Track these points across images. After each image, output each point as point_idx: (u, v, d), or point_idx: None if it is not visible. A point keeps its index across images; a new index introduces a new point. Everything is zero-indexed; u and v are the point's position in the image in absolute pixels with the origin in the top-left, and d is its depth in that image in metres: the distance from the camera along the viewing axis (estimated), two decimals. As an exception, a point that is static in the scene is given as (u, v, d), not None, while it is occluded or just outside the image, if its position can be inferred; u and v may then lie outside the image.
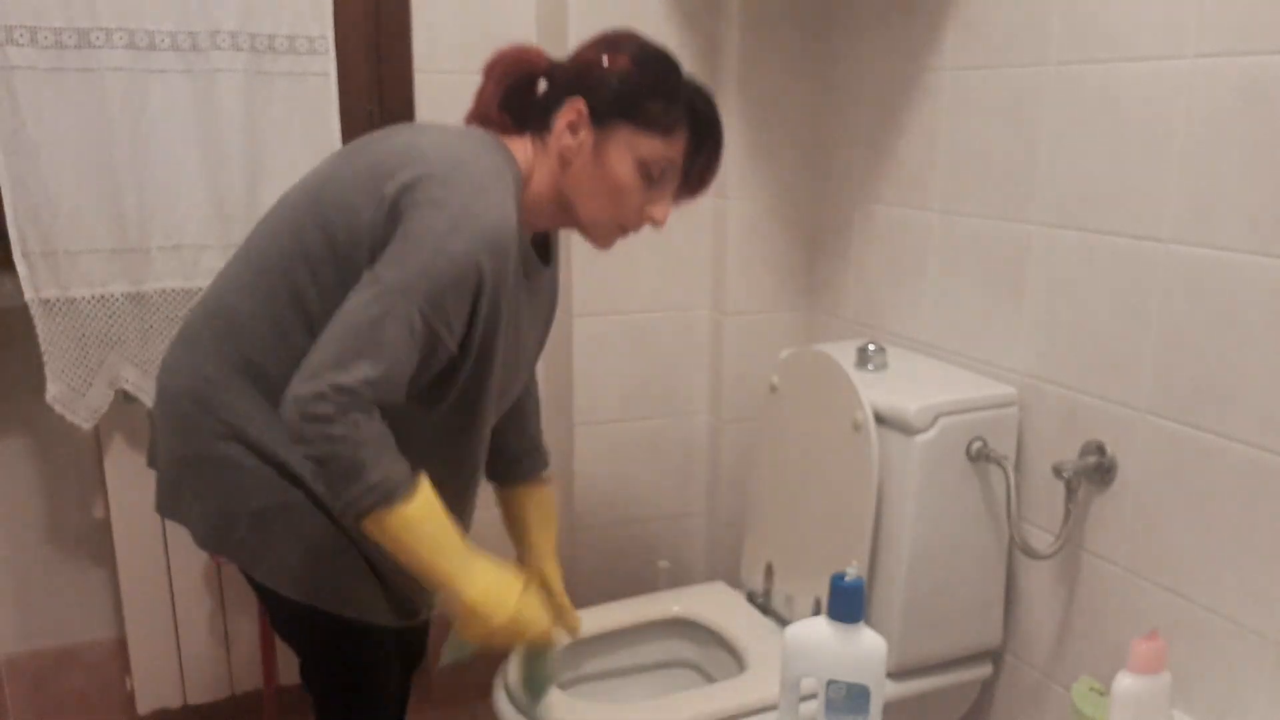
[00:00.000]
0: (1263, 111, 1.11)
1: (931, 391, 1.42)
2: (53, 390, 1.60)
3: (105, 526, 1.78)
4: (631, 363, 1.88)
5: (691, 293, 1.88)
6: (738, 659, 1.55)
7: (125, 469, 1.71)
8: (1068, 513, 1.35)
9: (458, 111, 2.07)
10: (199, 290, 1.65)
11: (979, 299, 1.52)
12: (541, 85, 1.21)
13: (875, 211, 1.73)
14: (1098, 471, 1.33)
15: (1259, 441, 1.14)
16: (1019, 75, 1.41)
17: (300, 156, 1.66)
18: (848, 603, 0.86)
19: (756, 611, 1.65)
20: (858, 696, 0.86)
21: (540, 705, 1.34)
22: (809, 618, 1.04)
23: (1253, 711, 1.17)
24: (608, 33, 1.19)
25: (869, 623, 0.99)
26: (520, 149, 1.18)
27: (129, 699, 1.83)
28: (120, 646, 1.87)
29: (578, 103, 1.13)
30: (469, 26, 1.81)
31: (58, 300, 1.57)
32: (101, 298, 1.60)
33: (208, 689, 1.85)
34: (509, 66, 1.20)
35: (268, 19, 1.59)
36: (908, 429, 1.38)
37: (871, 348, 1.54)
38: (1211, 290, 1.18)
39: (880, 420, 1.41)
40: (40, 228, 1.53)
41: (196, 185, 1.61)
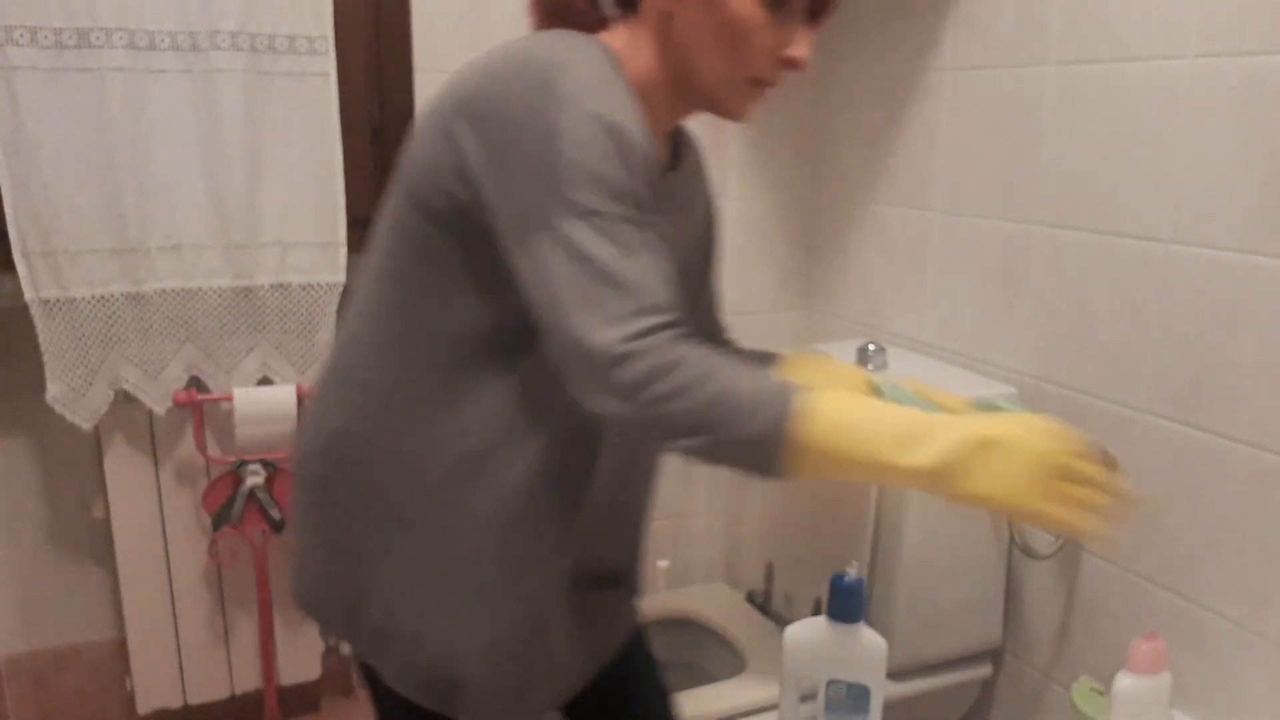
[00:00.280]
0: (1262, 112, 1.11)
1: (931, 391, 1.42)
2: (53, 390, 1.60)
3: (105, 526, 1.78)
4: (631, 363, 1.87)
5: (691, 293, 1.88)
6: (738, 659, 1.55)
7: (125, 469, 1.71)
8: (1068, 513, 1.35)
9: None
10: (199, 290, 1.65)
11: (979, 299, 1.52)
12: None
13: (875, 211, 1.73)
14: (1098, 471, 1.33)
15: (1259, 441, 1.14)
16: (1019, 75, 1.41)
17: (300, 156, 1.66)
18: (848, 603, 0.86)
19: (756, 611, 1.65)
20: (858, 696, 0.86)
21: None
22: (809, 618, 1.04)
23: (1253, 712, 1.17)
24: None
25: (869, 623, 0.99)
26: (610, 40, 0.96)
27: (129, 699, 1.83)
28: (120, 646, 1.87)
29: None
30: (469, 27, 1.81)
31: (58, 300, 1.57)
32: (101, 298, 1.59)
33: (208, 689, 1.85)
34: None
35: (268, 19, 1.59)
36: (908, 429, 1.38)
37: (871, 348, 1.54)
38: (1211, 290, 1.18)
39: (880, 420, 1.41)
40: (40, 228, 1.53)
41: (196, 185, 1.61)
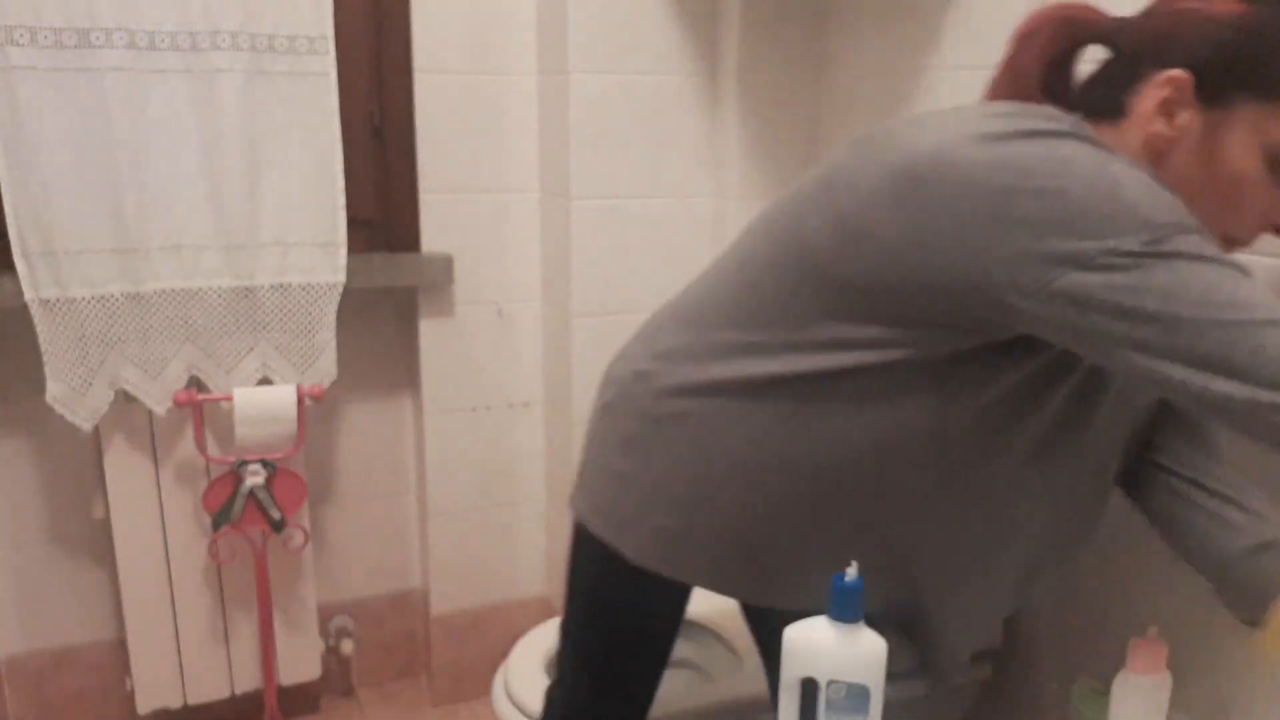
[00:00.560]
0: (1263, 111, 1.10)
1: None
2: (53, 390, 1.60)
3: (105, 526, 1.78)
4: (631, 363, 1.87)
5: (691, 293, 1.88)
6: (737, 659, 1.55)
7: (125, 469, 1.71)
8: (1068, 513, 1.34)
9: (458, 111, 2.06)
10: (199, 290, 1.65)
11: (979, 299, 1.52)
12: (1078, 57, 0.92)
13: (875, 211, 1.73)
14: (1098, 471, 1.33)
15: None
16: (1019, 75, 1.41)
17: (300, 156, 1.66)
18: (848, 603, 0.86)
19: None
20: (858, 696, 0.86)
21: None
22: (809, 618, 1.04)
23: (1252, 712, 1.17)
24: None
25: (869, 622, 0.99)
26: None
27: (129, 699, 1.83)
28: (120, 646, 1.87)
29: (1175, 75, 0.84)
30: (469, 27, 1.81)
31: (58, 300, 1.57)
32: (101, 298, 1.60)
33: (208, 689, 1.85)
34: (1057, 30, 0.91)
35: (268, 19, 1.59)
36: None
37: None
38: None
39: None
40: (40, 228, 1.53)
41: (196, 185, 1.61)
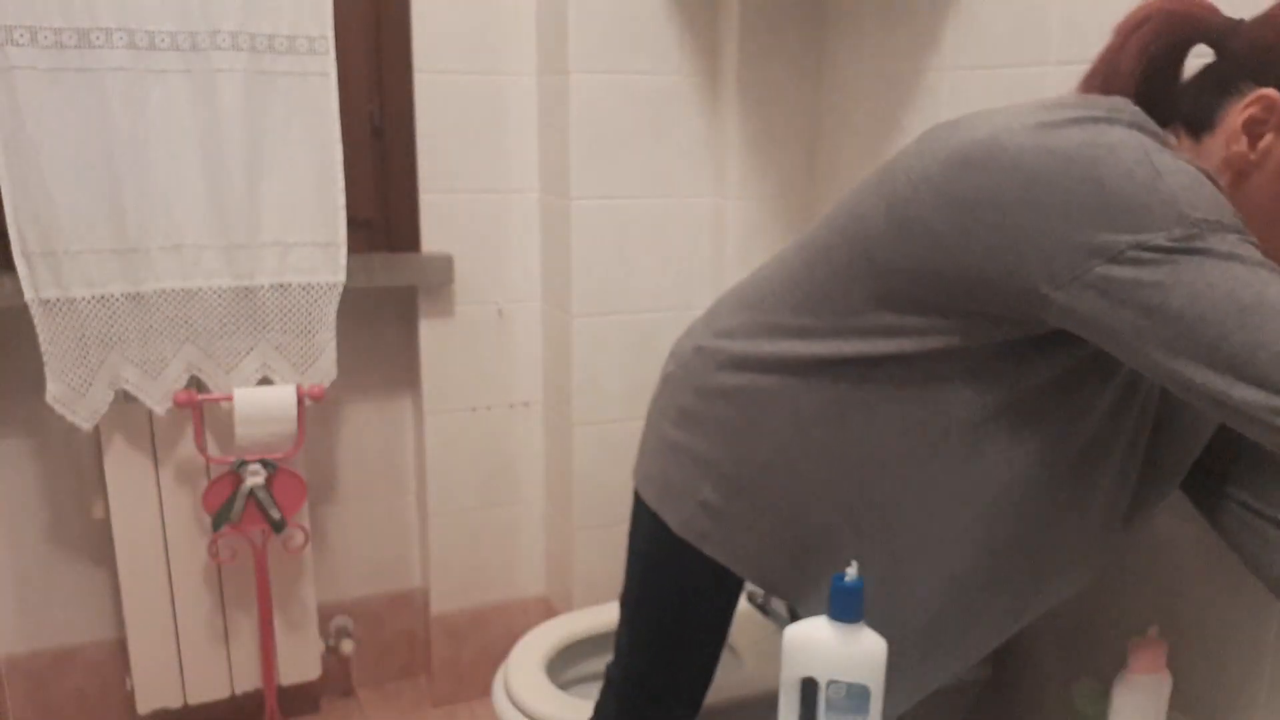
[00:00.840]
0: (1263, 111, 1.10)
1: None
2: (53, 390, 1.60)
3: (105, 526, 1.78)
4: (631, 363, 1.88)
5: (691, 293, 1.88)
6: (737, 659, 1.55)
7: (125, 469, 1.71)
8: (1068, 513, 1.34)
9: (458, 111, 2.06)
10: (199, 290, 1.65)
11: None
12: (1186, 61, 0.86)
13: (875, 211, 1.73)
14: (1098, 471, 1.33)
15: (1259, 441, 1.14)
16: (1019, 75, 1.41)
17: (300, 156, 1.66)
18: (848, 603, 0.86)
19: (756, 611, 1.65)
20: (858, 696, 0.86)
21: None
22: (809, 618, 1.04)
23: (1252, 712, 1.17)
24: None
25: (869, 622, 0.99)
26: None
27: (129, 699, 1.83)
28: (120, 646, 1.87)
29: (1267, 94, 0.79)
30: (469, 26, 1.81)
31: (58, 300, 1.57)
32: (101, 298, 1.60)
33: (208, 689, 1.85)
34: (1163, 25, 0.85)
35: (268, 19, 1.59)
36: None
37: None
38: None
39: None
40: (40, 228, 1.53)
41: (196, 185, 1.61)
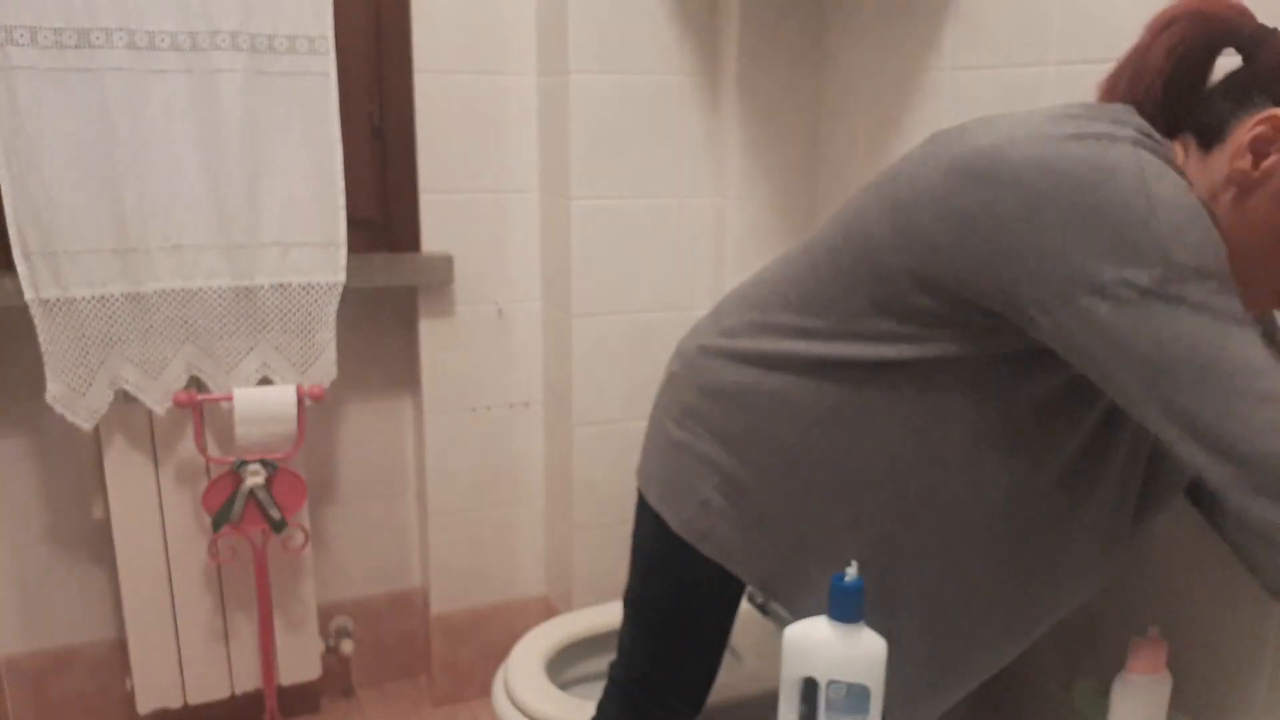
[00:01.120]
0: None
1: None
2: (53, 390, 1.60)
3: (105, 526, 1.78)
4: (631, 363, 1.88)
5: (691, 293, 1.88)
6: (737, 659, 1.55)
7: (125, 469, 1.71)
8: (1068, 513, 1.34)
9: (458, 111, 2.06)
10: (199, 290, 1.65)
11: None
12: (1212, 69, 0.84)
13: (875, 211, 1.73)
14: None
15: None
16: (1019, 75, 1.41)
17: (300, 156, 1.66)
18: (848, 603, 0.86)
19: (756, 611, 1.65)
20: (858, 696, 0.86)
21: None
22: (809, 618, 1.04)
23: (1252, 712, 1.17)
24: None
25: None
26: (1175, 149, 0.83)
27: (129, 699, 1.83)
28: (120, 646, 1.87)
29: (1277, 115, 0.77)
30: (469, 27, 1.81)
31: (58, 300, 1.57)
32: (101, 298, 1.60)
33: (208, 689, 1.85)
34: (1193, 25, 0.83)
35: (268, 19, 1.59)
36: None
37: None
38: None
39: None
40: (40, 228, 1.53)
41: (196, 185, 1.61)
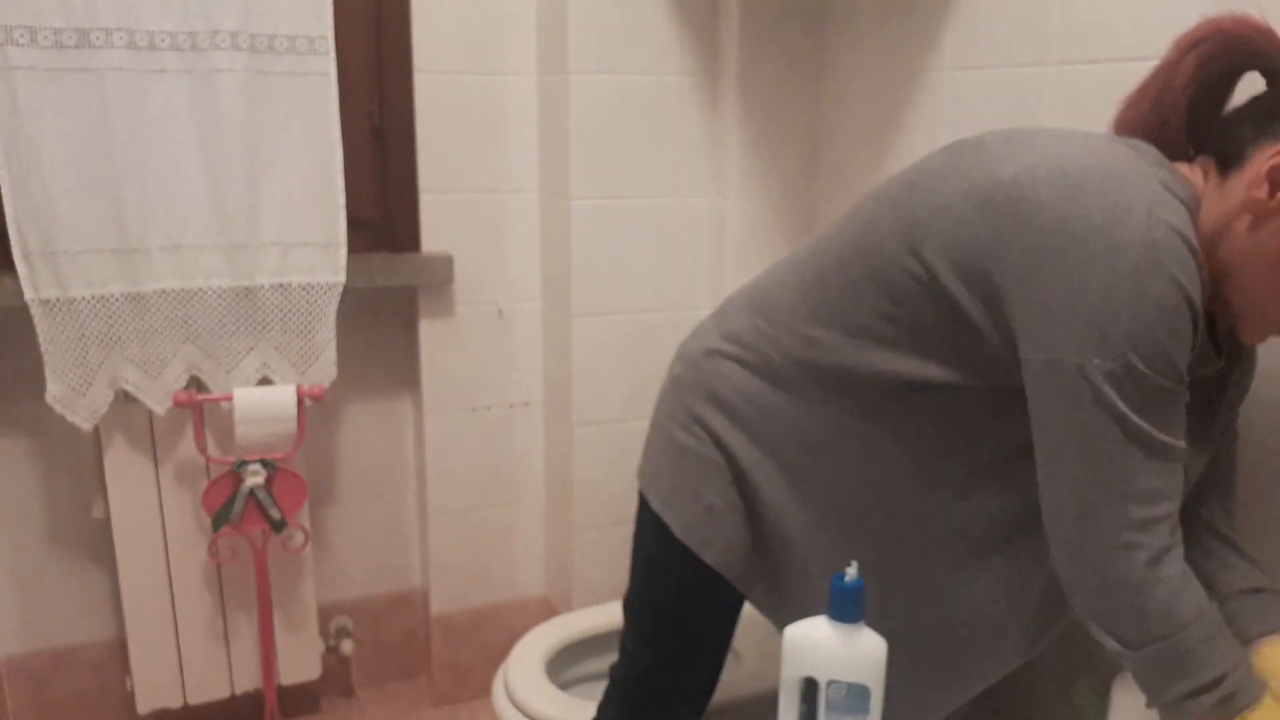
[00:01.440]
0: (1262, 111, 1.10)
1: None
2: (53, 390, 1.60)
3: (105, 526, 1.78)
4: (631, 363, 1.88)
5: (691, 293, 1.88)
6: (737, 659, 1.55)
7: (125, 469, 1.71)
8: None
9: (458, 111, 2.05)
10: (199, 290, 1.65)
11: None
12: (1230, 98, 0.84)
13: (875, 211, 1.73)
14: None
15: (1256, 438, 1.14)
16: (1019, 75, 1.41)
17: (300, 156, 1.66)
18: (848, 603, 0.86)
19: (757, 612, 1.65)
20: (858, 696, 0.86)
21: None
22: (809, 618, 1.04)
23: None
24: None
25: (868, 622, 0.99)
26: (1186, 174, 0.83)
27: (129, 699, 1.83)
28: (120, 646, 1.87)
29: None
30: (469, 27, 1.81)
31: (58, 300, 1.57)
32: (101, 298, 1.60)
33: (208, 689, 1.85)
34: (1220, 46, 0.81)
35: (268, 19, 1.59)
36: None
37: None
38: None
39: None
40: (40, 228, 1.53)
41: (196, 185, 1.61)
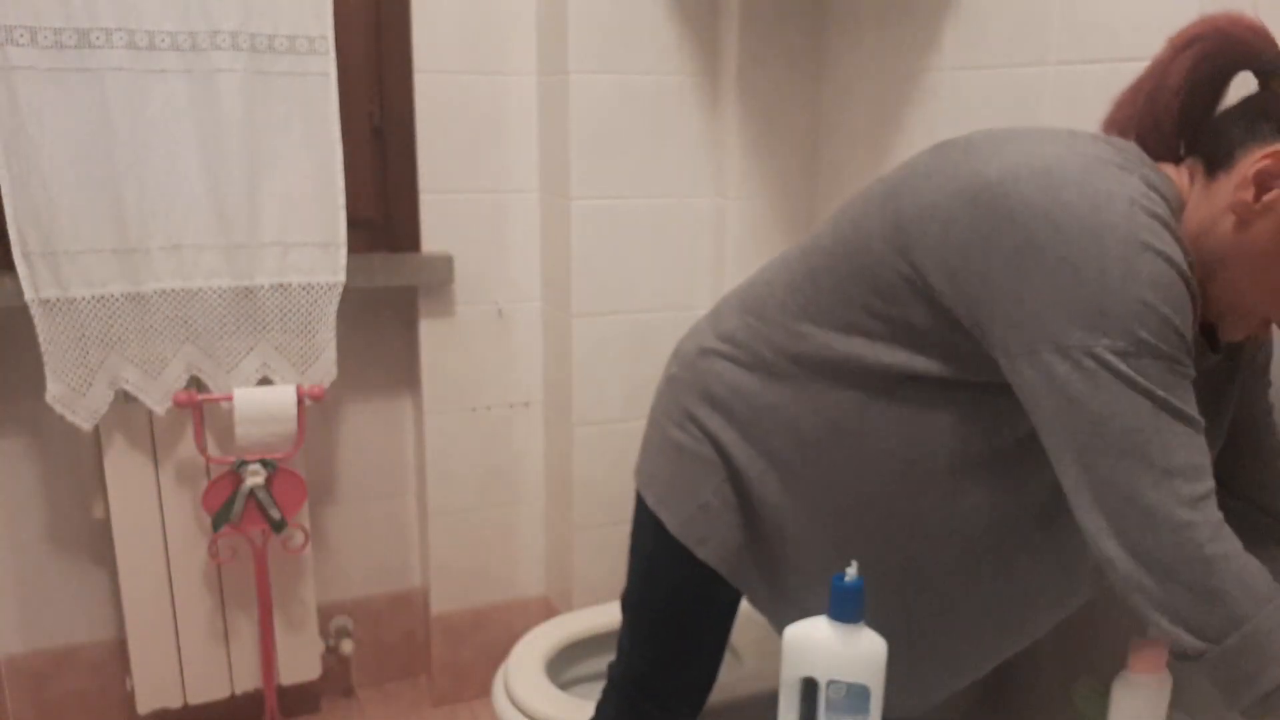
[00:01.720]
0: (1263, 111, 1.10)
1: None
2: (53, 390, 1.60)
3: (105, 526, 1.78)
4: (631, 363, 1.88)
5: (691, 293, 1.88)
6: (737, 659, 1.55)
7: (125, 469, 1.71)
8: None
9: (458, 111, 2.06)
10: (199, 290, 1.65)
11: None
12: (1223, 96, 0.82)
13: (875, 211, 1.73)
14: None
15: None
16: (1019, 75, 1.41)
17: (300, 156, 1.66)
18: (848, 603, 0.86)
19: (756, 612, 1.65)
20: (858, 696, 0.86)
21: None
22: (809, 617, 1.04)
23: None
24: None
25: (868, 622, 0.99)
26: (1171, 175, 0.82)
27: (129, 699, 1.83)
28: (120, 646, 1.87)
29: None
30: (469, 27, 1.81)
31: (58, 300, 1.57)
32: (101, 298, 1.60)
33: (208, 689, 1.85)
34: (1214, 46, 0.80)
35: (268, 19, 1.59)
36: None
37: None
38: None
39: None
40: (40, 228, 1.53)
41: (196, 185, 1.61)
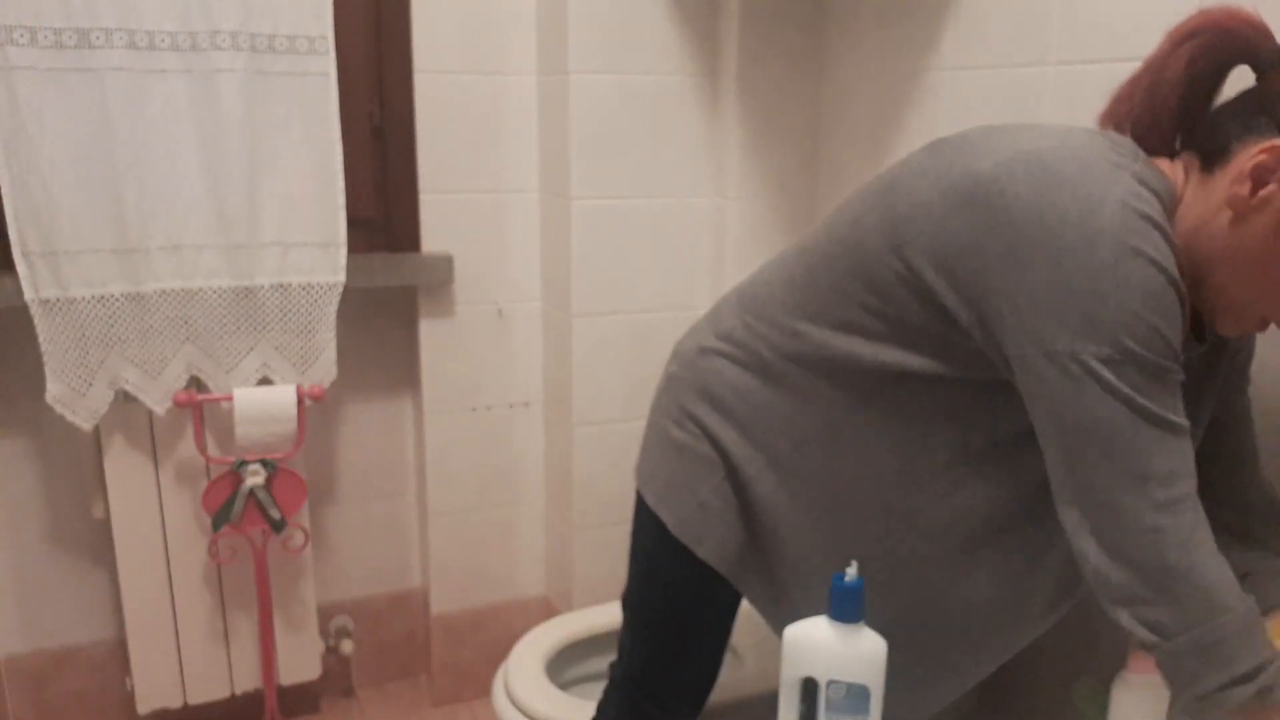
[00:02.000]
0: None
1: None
2: (53, 390, 1.60)
3: (105, 526, 1.78)
4: (631, 363, 1.88)
5: (691, 293, 1.88)
6: (737, 659, 1.55)
7: (125, 469, 1.71)
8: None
9: (458, 111, 2.06)
10: (199, 290, 1.65)
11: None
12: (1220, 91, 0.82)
13: (875, 211, 1.72)
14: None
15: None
16: (1019, 75, 1.41)
17: (300, 156, 1.66)
18: (848, 603, 0.86)
19: (756, 612, 1.65)
20: (858, 696, 0.86)
21: None
22: (809, 617, 1.04)
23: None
24: None
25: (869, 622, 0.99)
26: (1166, 170, 0.82)
27: (129, 699, 1.83)
28: (120, 646, 1.87)
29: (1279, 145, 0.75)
30: (469, 27, 1.81)
31: (58, 300, 1.57)
32: (101, 298, 1.60)
33: (208, 689, 1.85)
34: (1213, 40, 0.80)
35: (268, 19, 1.59)
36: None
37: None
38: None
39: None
40: (40, 228, 1.53)
41: (196, 185, 1.61)
